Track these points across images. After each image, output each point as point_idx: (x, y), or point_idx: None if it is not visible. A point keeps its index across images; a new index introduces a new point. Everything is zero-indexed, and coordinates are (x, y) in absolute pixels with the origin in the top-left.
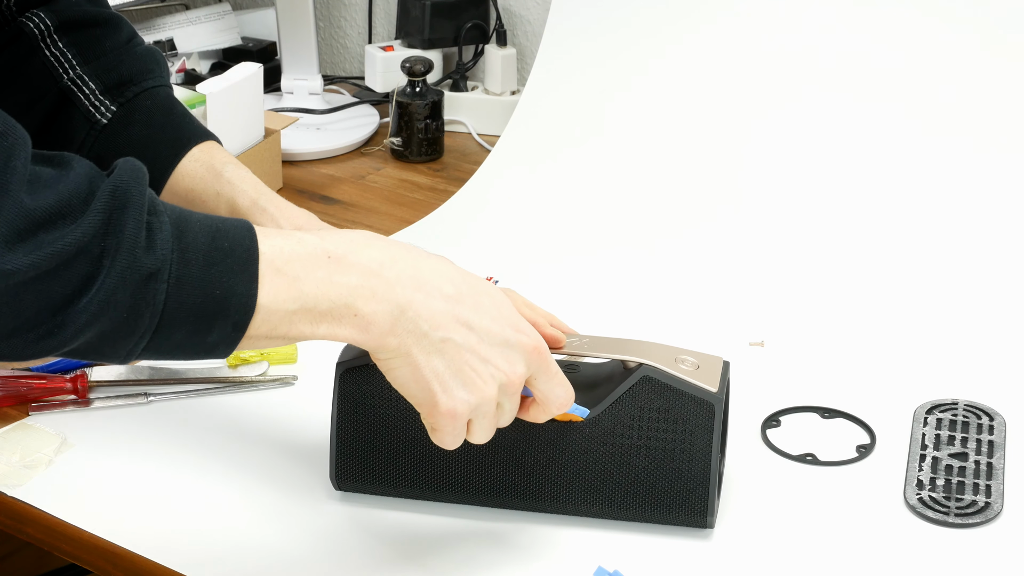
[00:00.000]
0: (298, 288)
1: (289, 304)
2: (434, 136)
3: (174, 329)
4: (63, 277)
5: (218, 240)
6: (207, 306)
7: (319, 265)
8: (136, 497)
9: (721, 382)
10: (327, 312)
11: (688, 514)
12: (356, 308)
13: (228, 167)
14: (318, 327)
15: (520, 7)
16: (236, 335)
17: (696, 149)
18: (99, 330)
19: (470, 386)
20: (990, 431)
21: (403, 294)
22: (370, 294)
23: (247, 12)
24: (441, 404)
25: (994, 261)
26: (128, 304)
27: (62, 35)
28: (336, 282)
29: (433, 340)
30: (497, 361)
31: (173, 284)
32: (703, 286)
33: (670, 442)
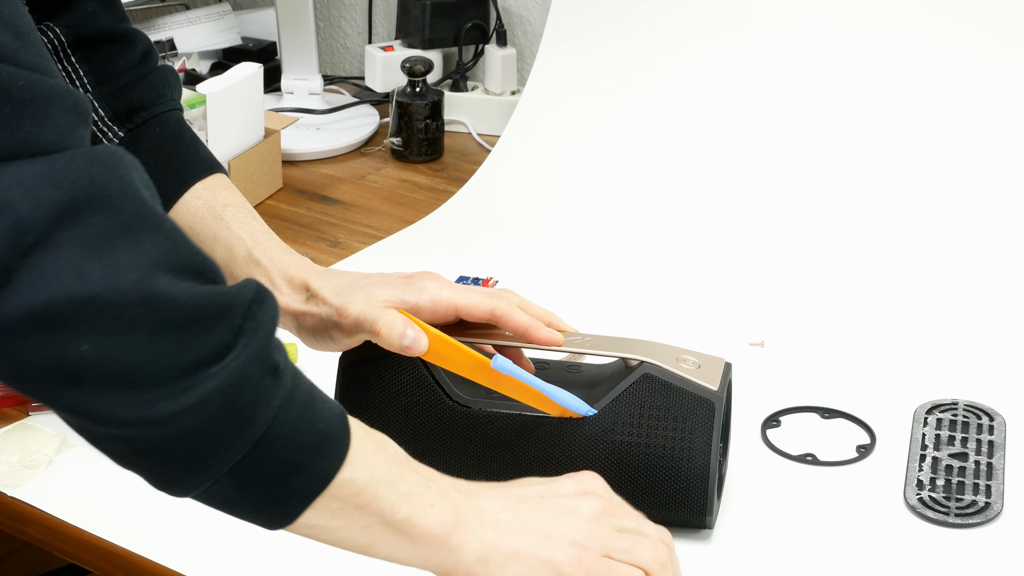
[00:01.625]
0: (384, 459)
1: (376, 470)
2: (434, 136)
3: (270, 453)
4: (205, 334)
5: (317, 387)
6: (307, 438)
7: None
8: (136, 497)
9: (722, 382)
10: (407, 495)
11: (687, 513)
12: (430, 498)
13: (228, 210)
14: (400, 507)
15: (520, 7)
16: (320, 485)
17: (697, 149)
18: (215, 410)
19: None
20: (990, 431)
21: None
22: (437, 489)
23: (247, 12)
24: (562, 564)
25: (994, 262)
26: (253, 389)
27: (75, 51)
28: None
29: (507, 520)
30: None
31: (287, 396)
32: (703, 286)
33: (670, 440)
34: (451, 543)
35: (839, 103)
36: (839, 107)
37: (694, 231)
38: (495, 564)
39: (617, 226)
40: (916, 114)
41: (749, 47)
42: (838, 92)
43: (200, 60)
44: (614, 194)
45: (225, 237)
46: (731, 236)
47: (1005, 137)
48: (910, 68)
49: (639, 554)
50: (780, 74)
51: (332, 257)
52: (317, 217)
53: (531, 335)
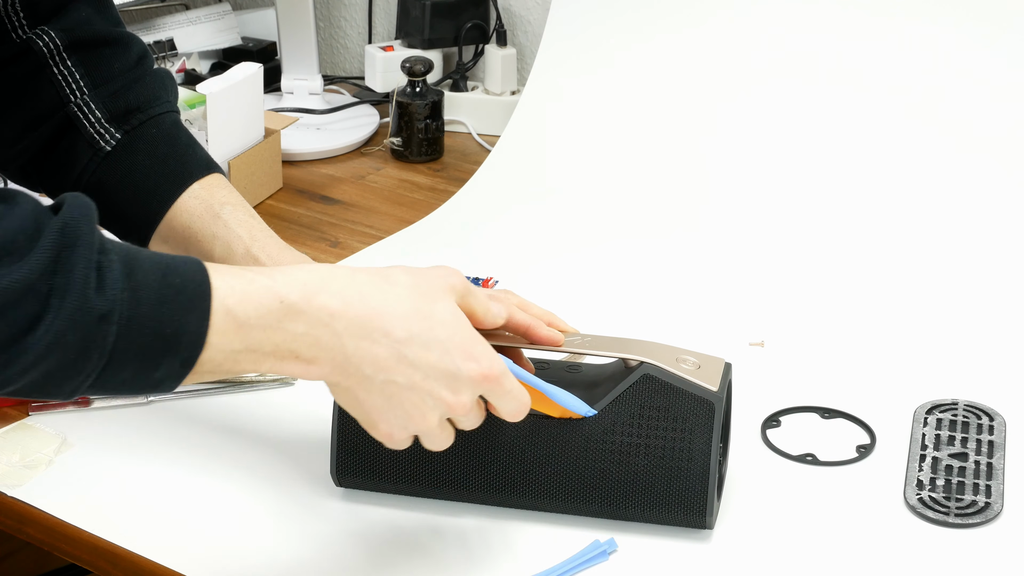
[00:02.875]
0: (245, 332)
1: (235, 344)
2: (434, 136)
3: (122, 368)
4: (8, 316)
5: (169, 277)
6: (156, 344)
7: (269, 309)
8: (136, 497)
9: (722, 382)
10: (271, 353)
11: (687, 514)
12: (298, 352)
13: (226, 208)
14: (261, 365)
15: (520, 7)
16: (183, 371)
17: (697, 149)
18: (45, 370)
19: (407, 419)
20: (990, 431)
21: (349, 343)
22: (314, 342)
23: (247, 12)
24: (379, 430)
25: (994, 262)
26: (77, 345)
27: (71, 54)
28: (283, 328)
29: (375, 382)
30: (440, 393)
31: (123, 325)
32: (703, 286)
33: (670, 441)
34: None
35: (842, 104)
36: (842, 108)
37: (694, 231)
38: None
39: (617, 226)
40: (917, 114)
41: (751, 48)
42: (842, 94)
43: (200, 60)
44: (614, 194)
45: (223, 236)
46: (731, 236)
47: (1005, 137)
48: (919, 66)
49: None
50: (782, 75)
51: (332, 257)
52: (317, 217)
53: (531, 335)
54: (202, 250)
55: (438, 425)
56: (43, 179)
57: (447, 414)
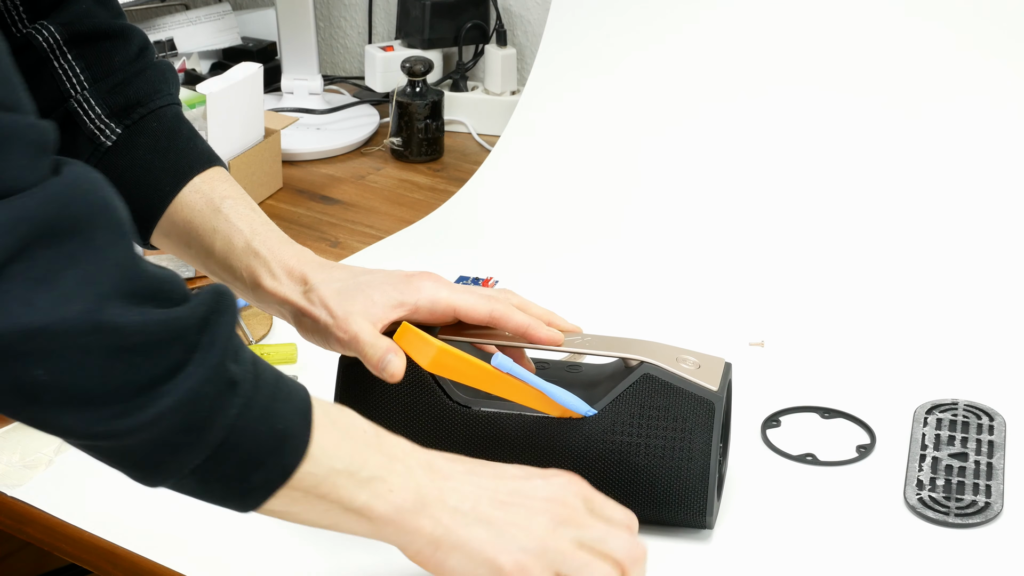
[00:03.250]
0: (347, 446)
1: (335, 461)
2: (434, 136)
3: (231, 455)
4: (157, 356)
5: (281, 381)
6: (266, 439)
7: (364, 435)
8: (136, 497)
9: (722, 382)
10: (367, 481)
11: (687, 514)
12: (391, 483)
13: (227, 202)
14: (358, 495)
15: (520, 7)
16: (280, 480)
17: (697, 148)
18: (171, 425)
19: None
20: (990, 431)
21: (425, 482)
22: (402, 471)
23: (247, 12)
24: (505, 564)
25: (994, 262)
26: (209, 404)
27: (71, 48)
28: (381, 450)
29: (466, 511)
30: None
31: (245, 402)
32: (703, 286)
33: (670, 440)
34: (407, 526)
35: (842, 104)
36: (842, 108)
37: (695, 230)
38: (442, 551)
39: (617, 226)
40: (917, 115)
41: (751, 47)
42: (842, 93)
43: (200, 60)
44: (614, 194)
45: (224, 229)
46: (731, 236)
47: (1006, 136)
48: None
49: (591, 571)
50: (782, 75)
51: (332, 257)
52: (317, 217)
53: (531, 335)
54: (203, 244)
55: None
56: None
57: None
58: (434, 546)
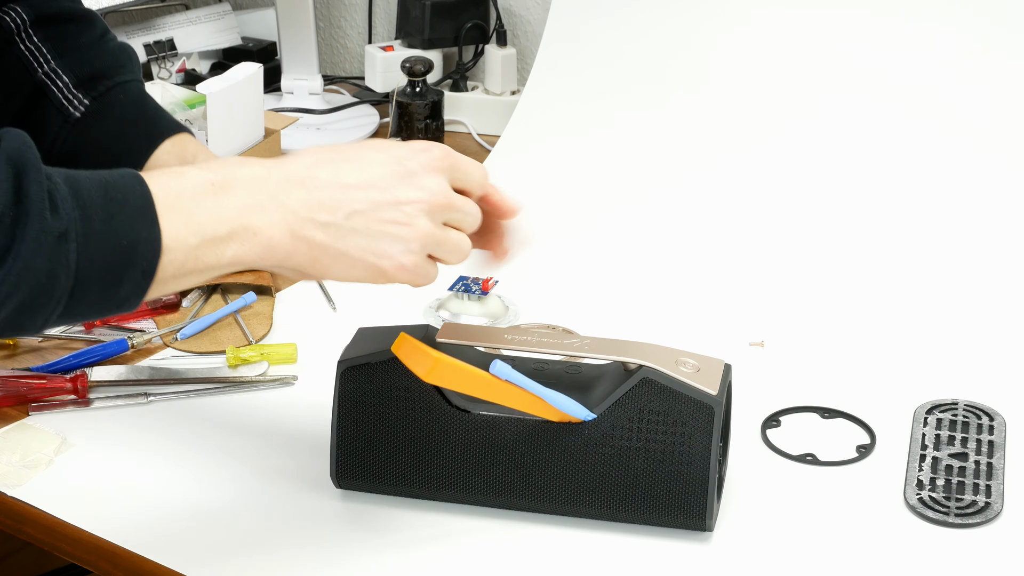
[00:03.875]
0: (195, 221)
1: (190, 238)
2: (434, 136)
3: (88, 289)
4: None
5: (111, 192)
6: (115, 258)
7: (206, 194)
8: (136, 497)
9: (721, 385)
10: (227, 236)
11: (687, 517)
12: (251, 225)
13: (199, 157)
14: (224, 253)
15: (520, 7)
16: (145, 282)
17: (696, 148)
18: (18, 302)
19: (400, 237)
20: (990, 431)
21: (288, 198)
22: (260, 208)
23: (247, 12)
24: (387, 268)
25: (994, 261)
26: (45, 269)
27: (37, 29)
28: (226, 205)
29: (340, 223)
30: (409, 194)
31: (81, 243)
32: (703, 286)
33: (669, 444)
34: (280, 255)
35: (840, 103)
36: (840, 106)
37: (694, 230)
38: (321, 264)
39: (617, 226)
40: (916, 113)
41: (751, 45)
42: (839, 90)
43: (200, 60)
44: (614, 194)
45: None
46: (731, 235)
47: (1006, 136)
48: (911, 64)
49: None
50: (782, 72)
51: None
52: None
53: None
54: None
55: (433, 226)
56: None
57: (432, 212)
58: (312, 261)
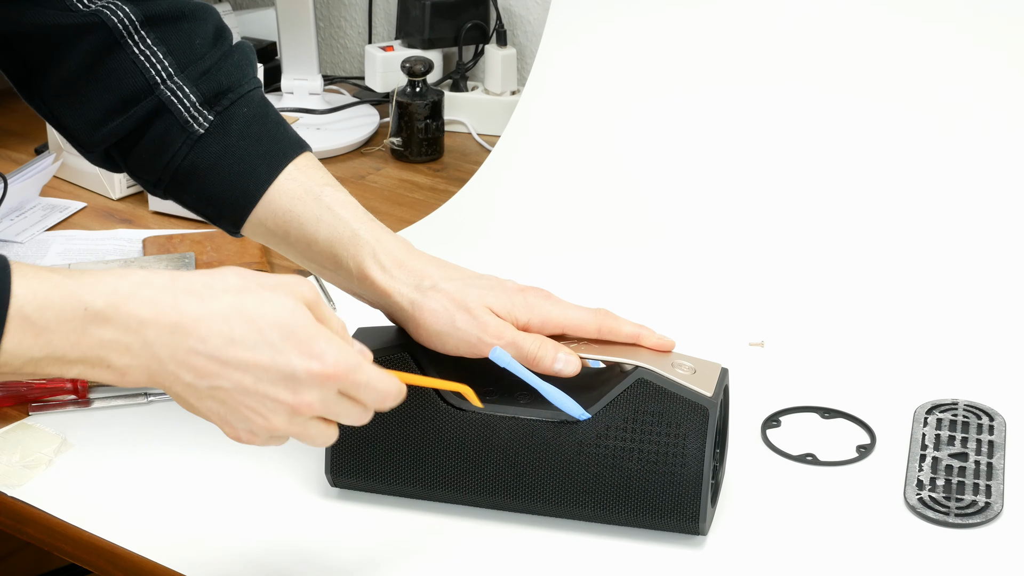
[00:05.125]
0: (46, 338)
1: (35, 352)
2: (434, 136)
3: None
4: None
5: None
6: None
7: (74, 318)
8: (136, 497)
9: (717, 387)
10: (78, 360)
11: (680, 520)
12: (109, 361)
13: (327, 190)
14: (69, 370)
15: (520, 7)
16: None
17: (696, 148)
18: None
19: (251, 423)
20: (990, 431)
21: (162, 352)
22: (125, 350)
23: (247, 12)
24: (228, 434)
25: (994, 262)
26: None
27: (149, 31)
28: (89, 334)
29: (201, 388)
30: (277, 394)
31: None
32: (703, 286)
33: (663, 446)
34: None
35: (841, 102)
36: (840, 105)
37: (694, 230)
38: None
39: (617, 226)
40: (917, 114)
41: (750, 44)
42: (840, 92)
43: None
44: (614, 193)
45: (328, 218)
46: (731, 236)
47: (1005, 136)
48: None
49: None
50: (781, 74)
51: None
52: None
53: (644, 341)
54: (304, 233)
55: (290, 425)
56: (130, 163)
57: (295, 415)
58: (172, 397)
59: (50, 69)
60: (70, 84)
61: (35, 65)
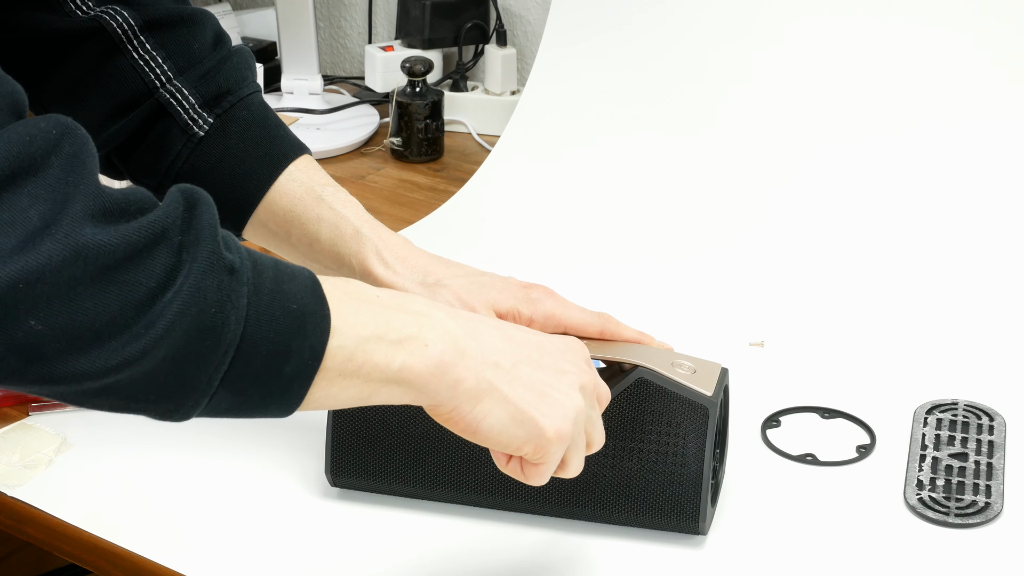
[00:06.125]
0: (366, 315)
1: (362, 329)
2: (434, 136)
3: (256, 347)
4: (146, 265)
5: (281, 263)
6: (285, 321)
7: (373, 303)
8: (136, 497)
9: (717, 387)
10: (398, 341)
11: (680, 519)
12: (422, 336)
13: (327, 190)
14: (394, 358)
15: (520, 7)
16: (313, 364)
17: (696, 148)
18: (186, 330)
19: (559, 404)
20: (990, 431)
21: (459, 334)
22: (431, 325)
23: (247, 12)
24: (547, 428)
25: (994, 262)
26: (215, 299)
27: (148, 36)
28: (394, 315)
29: (507, 368)
30: (566, 367)
31: (251, 290)
32: (703, 286)
33: (663, 445)
34: (448, 380)
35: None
36: (840, 106)
37: (694, 230)
38: (482, 406)
39: (617, 226)
40: (916, 114)
41: (750, 44)
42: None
43: None
44: (614, 194)
45: (329, 217)
46: (731, 236)
47: (1004, 136)
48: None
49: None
50: (781, 74)
51: None
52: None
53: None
54: (306, 232)
55: (583, 405)
56: (130, 167)
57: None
58: (474, 400)
59: (50, 74)
60: (70, 89)
61: (35, 70)
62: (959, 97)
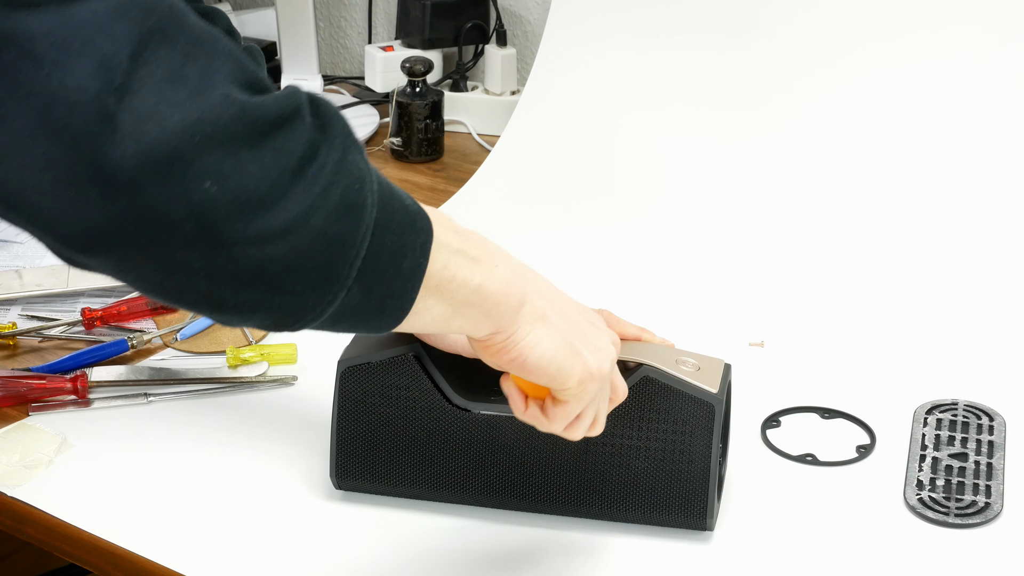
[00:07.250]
0: (447, 226)
1: (449, 240)
2: (434, 136)
3: (384, 237)
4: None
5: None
6: (403, 215)
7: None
8: (136, 497)
9: (722, 384)
10: (476, 259)
11: (687, 516)
12: (493, 259)
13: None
14: (474, 275)
15: (520, 7)
16: (423, 262)
17: (696, 149)
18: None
19: (600, 348)
20: (990, 431)
21: (516, 263)
22: (495, 249)
23: (247, 12)
24: (592, 364)
25: (993, 262)
26: (357, 175)
27: None
28: (468, 233)
29: (556, 303)
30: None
31: (377, 176)
32: (703, 286)
33: (669, 443)
34: (513, 303)
35: (841, 102)
36: (840, 106)
37: (695, 230)
38: (536, 333)
39: (616, 226)
40: (916, 114)
41: (749, 43)
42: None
43: None
44: (614, 194)
45: None
46: (732, 236)
47: (1003, 136)
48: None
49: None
50: (781, 73)
51: None
52: None
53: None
54: None
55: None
56: None
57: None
58: (531, 325)
59: None
60: None
61: None
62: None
